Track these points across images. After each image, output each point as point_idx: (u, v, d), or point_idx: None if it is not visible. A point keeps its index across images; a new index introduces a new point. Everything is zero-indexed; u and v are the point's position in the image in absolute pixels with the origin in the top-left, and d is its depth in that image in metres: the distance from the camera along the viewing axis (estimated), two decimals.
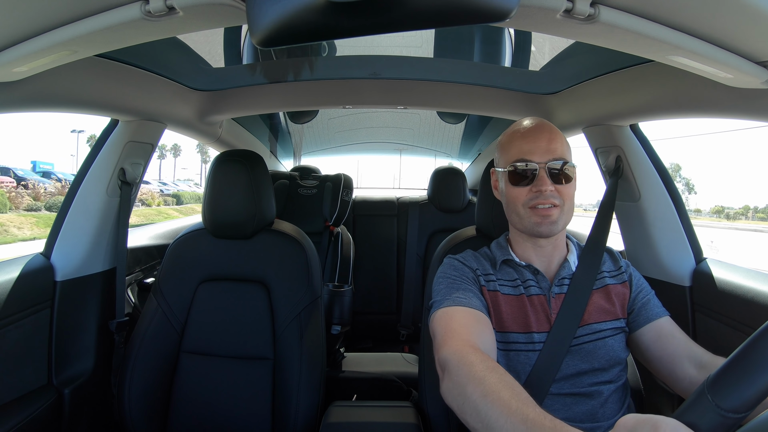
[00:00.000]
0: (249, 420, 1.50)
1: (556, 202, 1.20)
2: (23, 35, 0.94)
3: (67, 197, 1.70)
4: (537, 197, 1.20)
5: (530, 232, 1.25)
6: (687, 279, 1.59)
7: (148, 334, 1.54)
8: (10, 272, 1.45)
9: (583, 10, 0.80)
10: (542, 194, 1.19)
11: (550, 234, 1.23)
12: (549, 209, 1.20)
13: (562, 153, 1.22)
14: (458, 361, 0.93)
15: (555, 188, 1.20)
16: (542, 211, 1.21)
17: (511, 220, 1.32)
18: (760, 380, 0.49)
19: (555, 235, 1.26)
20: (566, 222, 1.25)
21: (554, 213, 1.21)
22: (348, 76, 2.01)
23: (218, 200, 1.59)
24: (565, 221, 1.24)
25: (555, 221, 1.21)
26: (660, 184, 1.65)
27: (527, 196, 1.22)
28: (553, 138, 1.23)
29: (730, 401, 0.49)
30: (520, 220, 1.26)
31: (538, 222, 1.21)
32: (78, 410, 1.60)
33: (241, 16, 0.86)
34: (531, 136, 1.24)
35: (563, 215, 1.22)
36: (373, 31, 0.68)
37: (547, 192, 1.19)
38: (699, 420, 0.51)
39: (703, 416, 0.51)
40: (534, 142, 1.23)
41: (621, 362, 1.23)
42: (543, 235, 1.24)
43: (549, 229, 1.22)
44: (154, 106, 1.76)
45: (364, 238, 3.28)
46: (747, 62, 0.95)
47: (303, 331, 1.52)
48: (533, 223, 1.22)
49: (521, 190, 1.23)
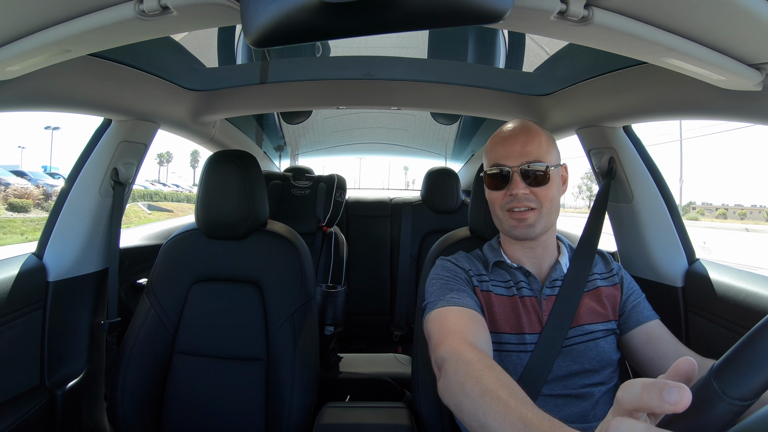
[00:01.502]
0: (242, 421, 1.49)
1: (531, 205, 1.22)
2: (16, 34, 0.93)
3: (59, 197, 1.69)
4: (512, 200, 1.23)
5: (509, 235, 1.28)
6: (679, 280, 1.60)
7: (140, 334, 1.53)
8: (3, 273, 1.44)
9: (576, 11, 0.81)
10: (516, 197, 1.22)
11: (526, 237, 1.25)
12: (524, 212, 1.22)
13: (538, 155, 1.23)
14: (455, 359, 0.93)
15: (531, 191, 1.22)
16: (517, 215, 1.23)
17: (495, 223, 1.34)
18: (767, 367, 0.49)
19: (535, 238, 1.27)
20: (547, 224, 1.25)
21: (530, 216, 1.22)
22: (342, 77, 2.01)
23: (211, 201, 1.58)
24: (545, 224, 1.25)
25: (531, 224, 1.23)
26: (653, 185, 1.66)
27: (503, 200, 1.25)
28: (529, 141, 1.24)
29: (736, 388, 0.49)
30: (500, 223, 1.30)
31: (514, 225, 1.24)
32: (71, 411, 1.59)
33: (235, 16, 0.86)
34: (507, 140, 1.26)
35: (542, 218, 1.23)
36: (367, 32, 0.68)
37: (520, 195, 1.21)
38: (704, 407, 0.51)
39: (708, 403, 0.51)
40: (509, 146, 1.25)
41: (612, 364, 1.24)
42: (519, 238, 1.26)
43: (525, 232, 1.23)
44: (147, 105, 1.75)
45: (358, 238, 3.28)
46: (740, 64, 0.96)
47: (296, 331, 1.52)
48: (510, 226, 1.25)
49: (498, 193, 1.27)
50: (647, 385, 0.51)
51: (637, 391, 0.52)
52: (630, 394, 0.53)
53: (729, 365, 0.51)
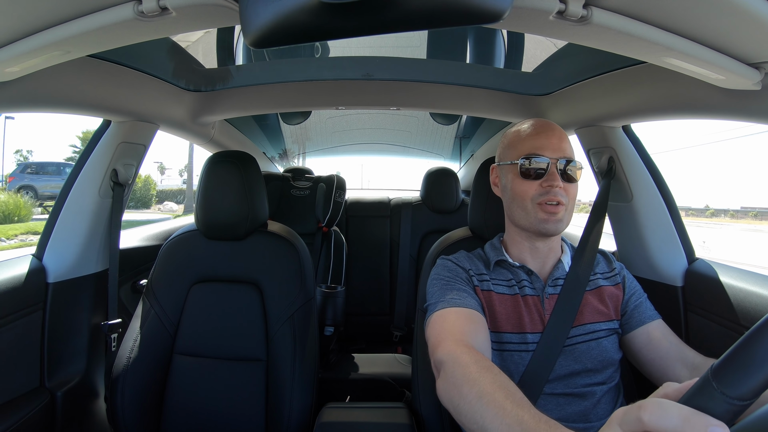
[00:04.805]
0: (242, 421, 1.49)
1: (563, 200, 1.20)
2: (15, 35, 0.93)
3: (59, 198, 1.69)
4: (547, 193, 1.20)
5: (535, 229, 1.24)
6: (679, 279, 1.60)
7: (140, 335, 1.53)
8: (2, 274, 1.44)
9: (576, 11, 0.81)
10: (552, 190, 1.19)
11: (555, 232, 1.23)
12: (556, 206, 1.20)
13: (570, 153, 1.23)
14: (453, 362, 0.93)
15: (564, 186, 1.21)
16: (550, 208, 1.20)
17: (514, 217, 1.29)
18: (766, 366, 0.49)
19: (556, 235, 1.26)
20: (569, 222, 1.25)
21: (560, 211, 1.21)
22: (341, 77, 2.00)
23: (211, 201, 1.58)
24: (568, 221, 1.24)
25: (561, 219, 1.21)
26: (652, 184, 1.65)
27: (536, 191, 1.22)
28: (563, 138, 1.24)
29: (735, 388, 0.49)
30: (525, 216, 1.25)
31: (544, 219, 1.21)
32: (71, 413, 1.59)
33: (234, 17, 0.86)
34: (543, 133, 1.24)
35: (567, 215, 1.23)
36: (366, 32, 0.68)
37: (557, 188, 1.19)
38: (704, 407, 0.51)
39: (708, 403, 0.51)
40: (546, 139, 1.23)
41: (614, 363, 1.24)
42: (548, 233, 1.23)
43: (555, 227, 1.21)
44: (146, 106, 1.75)
45: (357, 239, 3.27)
46: (739, 64, 0.96)
47: (296, 332, 1.52)
48: (539, 219, 1.22)
49: (531, 184, 1.22)
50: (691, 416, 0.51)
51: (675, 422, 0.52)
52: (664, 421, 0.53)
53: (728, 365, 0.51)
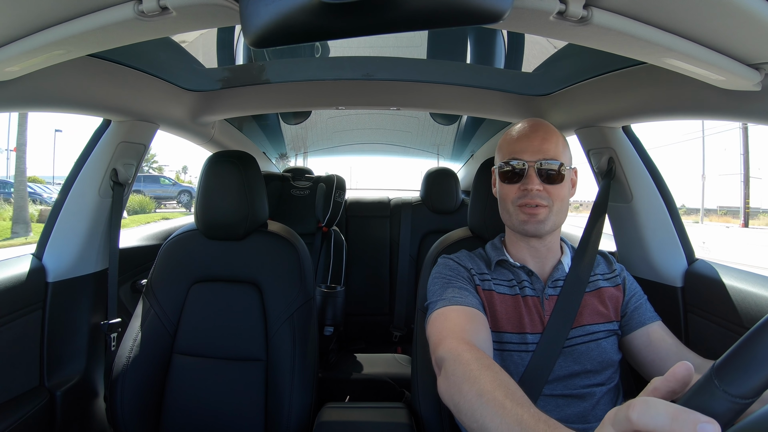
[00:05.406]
0: (242, 421, 1.49)
1: (542, 203, 1.22)
2: (15, 34, 0.93)
3: (58, 198, 1.69)
4: (524, 195, 1.22)
5: (517, 230, 1.27)
6: (679, 280, 1.60)
7: (140, 335, 1.53)
8: (2, 273, 1.44)
9: (576, 12, 0.81)
10: (529, 193, 1.21)
11: (536, 233, 1.24)
12: (535, 208, 1.22)
13: (555, 154, 1.23)
14: (453, 360, 0.93)
15: (544, 188, 1.21)
16: (529, 210, 1.22)
17: (503, 218, 1.33)
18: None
19: (544, 236, 1.27)
20: (556, 223, 1.25)
21: (541, 213, 1.22)
22: (341, 77, 2.00)
23: (210, 201, 1.58)
24: (554, 222, 1.25)
25: (542, 221, 1.22)
26: (652, 185, 1.66)
27: (516, 194, 1.24)
28: (546, 138, 1.24)
29: (737, 386, 0.49)
30: (509, 218, 1.28)
31: (524, 220, 1.23)
32: (70, 412, 1.59)
33: (234, 17, 0.86)
34: (525, 136, 1.26)
35: (552, 216, 1.23)
36: (366, 32, 0.68)
37: (533, 191, 1.21)
38: (706, 405, 0.51)
39: (709, 401, 0.51)
40: (526, 142, 1.24)
41: (613, 364, 1.24)
42: (529, 234, 1.25)
43: (535, 228, 1.23)
44: (146, 106, 1.75)
45: (357, 239, 3.27)
46: (739, 65, 0.96)
47: (296, 332, 1.52)
48: (520, 220, 1.24)
49: (511, 187, 1.26)
50: (679, 414, 0.49)
51: (663, 420, 0.50)
52: (652, 419, 0.51)
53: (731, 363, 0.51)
